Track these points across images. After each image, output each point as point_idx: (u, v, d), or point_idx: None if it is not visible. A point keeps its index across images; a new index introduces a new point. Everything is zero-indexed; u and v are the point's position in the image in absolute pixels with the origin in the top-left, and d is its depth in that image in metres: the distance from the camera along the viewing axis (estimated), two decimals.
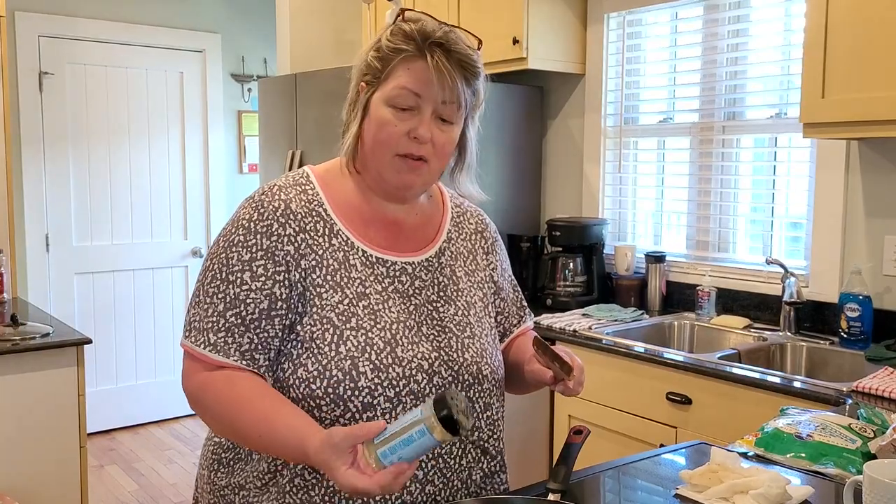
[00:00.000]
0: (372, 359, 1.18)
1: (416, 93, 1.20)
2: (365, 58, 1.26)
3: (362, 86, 1.25)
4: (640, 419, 2.43)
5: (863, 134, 2.21)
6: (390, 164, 1.23)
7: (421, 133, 1.20)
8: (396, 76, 1.21)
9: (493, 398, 1.31)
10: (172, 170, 4.98)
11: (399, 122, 1.20)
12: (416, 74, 1.20)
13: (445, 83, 1.20)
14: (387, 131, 1.21)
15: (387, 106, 1.21)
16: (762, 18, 2.85)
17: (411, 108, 1.20)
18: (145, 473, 4.18)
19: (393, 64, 1.21)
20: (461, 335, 1.28)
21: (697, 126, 3.03)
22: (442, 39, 1.21)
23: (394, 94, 1.20)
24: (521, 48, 3.07)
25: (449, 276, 1.32)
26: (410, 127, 1.20)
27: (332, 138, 3.94)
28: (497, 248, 1.45)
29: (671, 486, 1.32)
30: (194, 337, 1.20)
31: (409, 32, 1.22)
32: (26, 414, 2.60)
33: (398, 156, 1.22)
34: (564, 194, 3.47)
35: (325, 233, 1.24)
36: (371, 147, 1.23)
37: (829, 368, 2.44)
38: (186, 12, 4.95)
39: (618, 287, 3.13)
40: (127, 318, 4.84)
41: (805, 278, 2.65)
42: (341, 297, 1.21)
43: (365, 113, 1.24)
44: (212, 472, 1.29)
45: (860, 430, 1.48)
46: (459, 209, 1.42)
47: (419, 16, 1.25)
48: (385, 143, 1.21)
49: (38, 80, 4.46)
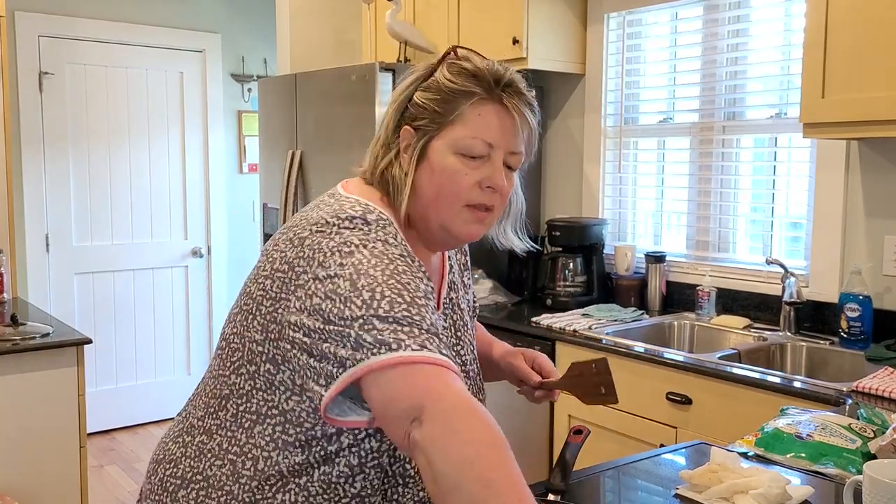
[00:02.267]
0: None
1: (489, 143, 1.11)
2: (408, 98, 1.14)
3: (409, 130, 1.13)
4: (640, 419, 2.43)
5: (863, 134, 2.21)
6: (458, 216, 1.13)
7: (497, 182, 1.12)
8: (465, 122, 1.10)
9: None
10: (172, 170, 4.98)
11: (470, 170, 1.11)
12: (489, 122, 1.11)
13: (520, 131, 1.13)
14: (457, 182, 1.10)
15: (454, 154, 1.11)
16: (762, 18, 2.85)
17: (482, 156, 1.11)
18: (145, 473, 4.17)
19: (459, 108, 1.10)
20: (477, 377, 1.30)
21: (697, 126, 3.03)
22: (511, 80, 1.13)
23: (465, 142, 1.10)
24: (521, 48, 3.07)
25: (458, 312, 1.29)
26: (483, 176, 1.11)
27: (332, 138, 3.93)
28: (468, 259, 1.41)
29: (671, 486, 1.32)
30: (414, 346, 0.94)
31: (474, 72, 1.12)
32: (26, 414, 2.60)
33: (467, 206, 1.12)
34: (564, 194, 3.47)
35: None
36: (434, 199, 1.12)
37: (829, 368, 2.44)
38: (186, 12, 4.95)
39: (618, 287, 3.13)
40: (127, 318, 4.84)
41: (805, 278, 2.65)
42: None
43: (419, 162, 1.12)
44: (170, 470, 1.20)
45: (860, 430, 1.48)
46: None
47: (469, 53, 1.16)
48: (454, 194, 1.11)
49: (38, 80, 4.46)
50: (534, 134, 1.17)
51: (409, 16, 3.50)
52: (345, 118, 3.21)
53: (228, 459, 1.13)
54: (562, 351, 2.67)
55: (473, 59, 1.15)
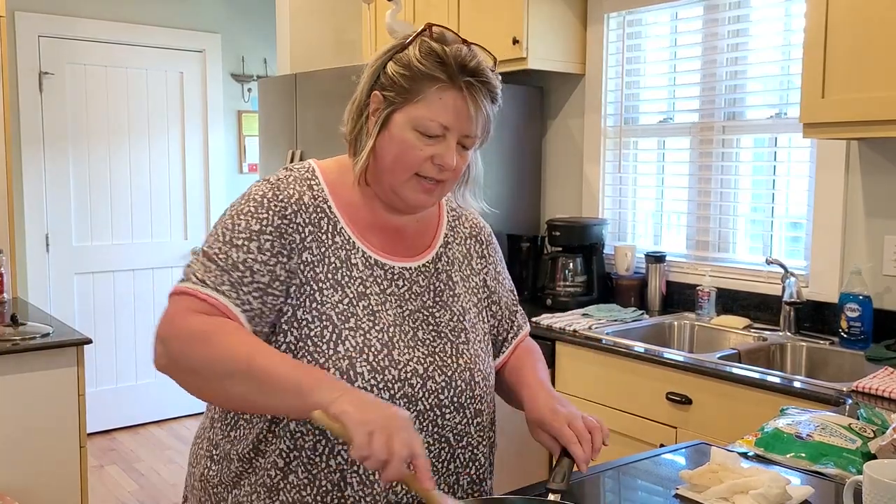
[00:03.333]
0: (370, 360, 1.18)
1: (445, 126, 1.19)
2: (383, 66, 1.23)
3: (378, 96, 1.22)
4: (640, 419, 2.43)
5: (863, 134, 2.21)
6: (407, 184, 1.22)
7: (447, 162, 1.20)
8: (427, 104, 1.19)
9: (484, 404, 1.31)
10: (172, 170, 4.98)
11: (424, 146, 1.20)
12: (448, 107, 1.19)
13: (475, 118, 1.20)
14: (411, 155, 1.20)
15: (412, 130, 1.19)
16: (762, 18, 2.85)
17: (437, 135, 1.20)
18: (145, 473, 4.18)
19: (424, 90, 1.19)
20: (456, 341, 1.28)
21: (697, 126, 3.03)
22: (475, 69, 1.20)
23: (423, 122, 1.19)
24: (521, 48, 3.07)
25: (445, 281, 1.32)
26: (435, 153, 1.20)
27: (332, 138, 3.94)
28: (492, 251, 1.44)
29: (671, 486, 1.32)
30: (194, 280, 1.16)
31: (442, 57, 1.19)
32: (26, 414, 2.60)
33: (416, 175, 1.22)
34: (564, 194, 3.47)
35: (329, 230, 1.24)
36: (389, 165, 1.22)
37: (829, 368, 2.44)
38: (186, 12, 4.95)
39: (618, 287, 3.13)
40: (127, 318, 4.84)
41: (805, 278, 2.65)
42: (341, 297, 1.20)
43: (382, 128, 1.22)
44: (205, 470, 1.28)
45: (860, 430, 1.48)
46: (455, 213, 1.41)
47: (443, 31, 1.23)
48: (406, 165, 1.21)
49: (38, 80, 4.46)
50: (490, 120, 1.24)
51: (409, 16, 3.50)
52: None
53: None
54: (562, 351, 2.67)
55: (446, 40, 1.22)
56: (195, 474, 1.32)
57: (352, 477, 1.18)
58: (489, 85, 1.21)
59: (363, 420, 0.99)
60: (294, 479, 1.19)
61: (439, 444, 1.24)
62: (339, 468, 1.18)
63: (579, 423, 1.24)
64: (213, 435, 1.28)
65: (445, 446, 1.24)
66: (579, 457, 1.22)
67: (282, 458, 1.19)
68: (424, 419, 1.22)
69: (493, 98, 1.23)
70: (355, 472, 1.18)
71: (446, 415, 1.24)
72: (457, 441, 1.26)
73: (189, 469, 1.36)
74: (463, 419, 1.26)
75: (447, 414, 1.24)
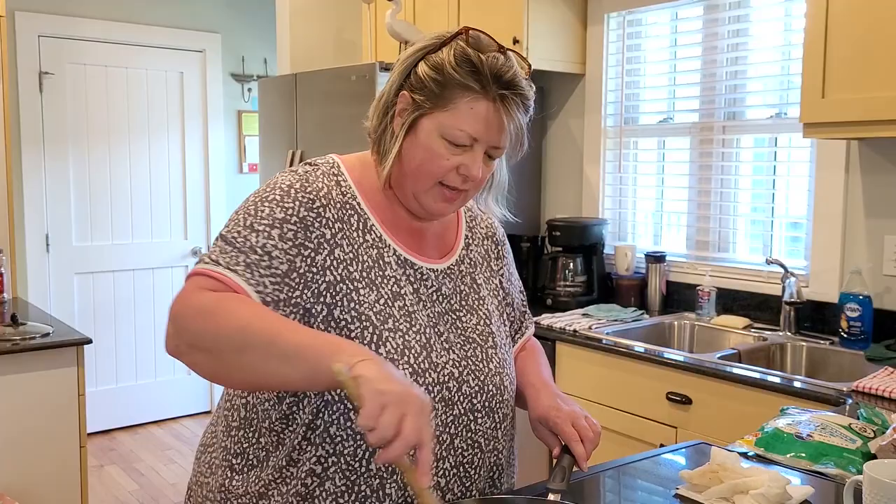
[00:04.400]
0: (411, 362, 1.15)
1: (474, 137, 1.16)
2: (414, 65, 1.19)
3: (407, 97, 1.18)
4: (640, 419, 2.43)
5: (863, 134, 2.21)
6: (430, 191, 1.19)
7: (473, 173, 1.17)
8: (458, 113, 1.15)
9: (510, 409, 1.30)
10: (172, 170, 4.98)
11: (450, 155, 1.16)
12: (479, 118, 1.15)
13: (507, 131, 1.17)
14: (436, 164, 1.17)
15: (440, 137, 1.16)
16: (762, 18, 2.85)
17: (465, 145, 1.17)
18: (145, 473, 4.18)
19: (455, 98, 1.15)
20: (484, 345, 1.27)
21: (697, 126, 3.03)
22: (510, 81, 1.16)
23: (452, 132, 1.15)
24: (521, 48, 3.07)
25: (470, 284, 1.31)
26: (461, 163, 1.17)
27: (332, 138, 3.93)
28: (506, 252, 1.43)
29: (671, 486, 1.32)
30: (207, 262, 1.11)
31: (477, 65, 1.15)
32: (26, 414, 2.60)
33: (440, 184, 1.19)
34: (564, 194, 3.47)
35: (359, 227, 1.20)
36: (413, 171, 1.19)
37: (829, 368, 2.44)
38: (186, 12, 4.95)
39: (618, 287, 3.13)
40: (127, 318, 4.84)
41: (805, 278, 2.65)
42: (377, 296, 1.17)
43: (408, 132, 1.18)
44: (225, 480, 1.23)
45: (860, 430, 1.48)
46: (471, 213, 1.40)
47: (479, 35, 1.19)
48: (431, 173, 1.18)
49: (38, 80, 4.46)
50: (523, 132, 1.21)
51: (409, 16, 3.50)
52: (345, 118, 3.22)
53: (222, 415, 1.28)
54: (562, 351, 2.67)
55: (481, 46, 1.18)
56: (209, 485, 1.25)
57: (390, 487, 1.15)
58: (523, 97, 1.18)
59: (380, 389, 0.92)
60: (331, 485, 1.15)
61: (472, 450, 1.22)
62: (378, 473, 1.15)
63: (582, 422, 1.24)
64: (231, 444, 1.23)
65: (478, 451, 1.23)
66: (580, 455, 1.22)
67: (319, 464, 1.15)
68: (459, 423, 1.20)
69: (527, 109, 1.20)
70: (394, 482, 1.16)
71: (478, 419, 1.23)
72: (486, 445, 1.25)
73: (198, 479, 1.29)
74: (493, 424, 1.25)
75: (479, 418, 1.23)
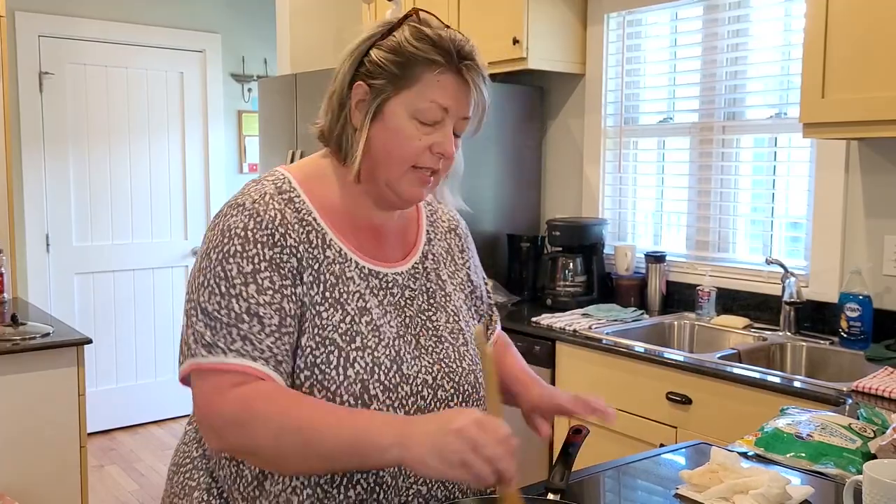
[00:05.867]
0: (381, 379, 1.14)
1: (445, 108, 1.15)
2: (363, 54, 1.17)
3: (363, 86, 1.16)
4: (640, 419, 2.43)
5: (863, 134, 2.21)
6: (404, 177, 1.17)
7: (447, 149, 1.16)
8: (425, 88, 1.14)
9: (484, 405, 1.30)
10: (172, 170, 4.98)
11: (423, 136, 1.15)
12: (447, 89, 1.14)
13: (473, 101, 1.17)
14: (409, 146, 1.14)
15: (410, 118, 1.14)
16: (762, 18, 2.85)
17: (436, 122, 1.15)
18: (145, 473, 4.18)
19: (419, 74, 1.13)
20: (456, 343, 1.26)
21: (697, 126, 3.03)
22: (469, 53, 1.16)
23: (423, 107, 1.14)
24: (521, 48, 3.07)
25: (435, 281, 1.29)
26: (434, 142, 1.15)
27: None
28: (469, 244, 1.41)
29: (671, 486, 1.32)
30: (204, 353, 1.07)
31: (438, 41, 1.14)
32: (26, 414, 2.60)
33: (413, 168, 1.16)
34: (564, 194, 3.47)
35: (319, 244, 1.16)
36: (385, 159, 1.16)
37: (829, 368, 2.44)
38: (186, 12, 4.95)
39: (618, 287, 3.13)
40: (127, 318, 4.84)
41: (805, 278, 2.65)
42: (342, 316, 1.14)
43: (374, 119, 1.16)
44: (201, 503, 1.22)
45: (860, 429, 1.48)
46: (431, 207, 1.38)
47: (428, 17, 1.19)
48: (404, 156, 1.15)
49: (38, 80, 4.46)
50: (485, 104, 1.20)
51: None
52: None
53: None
54: (562, 351, 2.67)
55: (433, 25, 1.18)
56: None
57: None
58: (482, 69, 1.18)
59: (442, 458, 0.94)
60: None
61: None
62: (358, 499, 1.13)
63: (583, 395, 1.29)
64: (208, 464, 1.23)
65: None
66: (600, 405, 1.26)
67: (296, 494, 1.12)
68: None
69: (486, 83, 1.19)
70: (375, 501, 1.14)
71: None
72: None
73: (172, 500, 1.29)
74: None
75: None
